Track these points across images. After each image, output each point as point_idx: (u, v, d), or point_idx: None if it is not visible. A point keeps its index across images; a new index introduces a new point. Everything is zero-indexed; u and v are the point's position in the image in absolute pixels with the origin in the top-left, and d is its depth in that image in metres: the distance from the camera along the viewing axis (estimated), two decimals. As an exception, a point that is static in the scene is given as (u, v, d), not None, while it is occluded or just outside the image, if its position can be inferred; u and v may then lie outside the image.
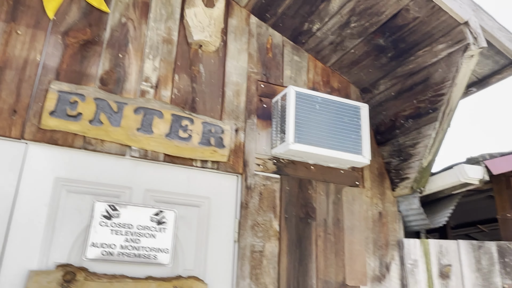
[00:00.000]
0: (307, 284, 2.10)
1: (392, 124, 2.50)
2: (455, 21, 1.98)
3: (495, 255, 2.44)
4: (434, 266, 2.37)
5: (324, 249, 2.22)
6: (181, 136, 2.05)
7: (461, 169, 2.35)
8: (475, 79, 2.57)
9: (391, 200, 2.53)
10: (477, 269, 2.40)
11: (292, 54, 2.62)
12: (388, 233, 2.43)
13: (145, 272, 1.78)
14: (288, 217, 2.20)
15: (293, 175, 2.30)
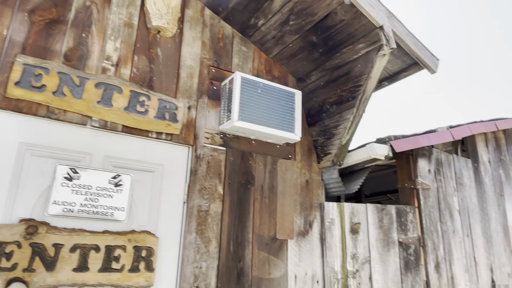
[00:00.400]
0: (244, 238, 2.27)
1: (320, 108, 2.69)
2: (373, 25, 2.17)
3: (394, 216, 2.76)
4: (346, 223, 2.63)
5: (260, 210, 2.38)
6: (138, 110, 2.09)
7: (371, 147, 2.62)
8: (387, 75, 2.82)
9: (316, 171, 2.73)
10: (380, 226, 2.70)
11: (240, 45, 2.71)
12: (312, 197, 2.64)
13: (102, 227, 1.83)
14: (231, 183, 2.33)
15: (237, 148, 2.43)
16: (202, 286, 2.04)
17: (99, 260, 1.76)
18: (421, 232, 2.78)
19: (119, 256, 1.81)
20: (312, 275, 2.46)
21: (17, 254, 1.57)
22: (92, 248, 1.75)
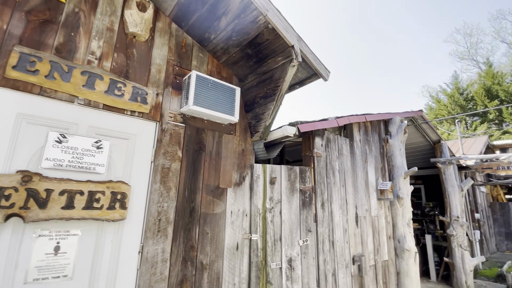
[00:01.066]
0: (196, 187, 2.31)
1: (253, 101, 2.75)
2: (287, 44, 2.24)
3: (298, 173, 2.97)
4: (268, 177, 2.78)
5: (208, 168, 2.42)
6: (116, 93, 1.99)
7: (285, 128, 2.76)
8: (298, 80, 2.94)
9: (249, 143, 2.82)
10: (289, 180, 2.89)
11: (198, 52, 2.65)
12: (246, 160, 2.73)
13: (86, 178, 1.76)
14: (188, 149, 2.33)
15: (193, 125, 2.42)
16: (164, 219, 2.06)
17: (83, 201, 1.70)
18: (314, 183, 3.03)
19: (99, 198, 1.76)
20: (243, 211, 2.58)
21: (14, 196, 1.46)
22: (78, 192, 1.67)
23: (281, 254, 2.66)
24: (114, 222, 1.83)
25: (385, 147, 4.53)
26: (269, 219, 2.68)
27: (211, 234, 2.32)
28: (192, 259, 2.18)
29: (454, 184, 6.33)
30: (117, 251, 1.83)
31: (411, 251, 4.03)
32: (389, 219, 4.19)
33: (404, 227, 4.15)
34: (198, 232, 2.25)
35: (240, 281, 2.43)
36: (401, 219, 4.19)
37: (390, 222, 4.20)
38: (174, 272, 2.05)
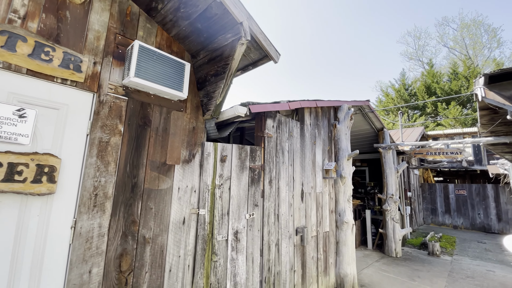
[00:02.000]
0: (139, 162, 2.18)
1: (205, 78, 2.63)
2: (236, 21, 2.14)
3: (248, 152, 2.97)
4: (218, 156, 2.73)
5: (154, 144, 2.29)
6: (43, 58, 1.73)
7: (236, 108, 2.70)
8: (251, 61, 2.86)
9: (201, 121, 2.72)
10: (239, 158, 2.88)
11: (146, 22, 2.41)
12: (197, 138, 2.64)
13: (5, 148, 1.54)
14: (131, 123, 2.17)
15: (137, 99, 2.24)
16: (101, 193, 1.92)
17: (2, 173, 1.49)
18: (263, 162, 3.07)
19: (22, 171, 1.56)
20: (191, 187, 2.53)
21: None
22: (-8, 163, 1.46)
23: (228, 227, 2.68)
24: (41, 196, 1.65)
25: (333, 131, 4.75)
26: (217, 195, 2.67)
27: (156, 209, 2.24)
28: (134, 234, 2.09)
29: (392, 166, 6.95)
30: (45, 226, 1.67)
31: (349, 223, 4.38)
32: (332, 195, 4.48)
33: (345, 202, 4.48)
34: (141, 207, 2.15)
35: (185, 253, 2.41)
36: (343, 195, 4.50)
37: (333, 198, 4.49)
38: (112, 246, 1.94)
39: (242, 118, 2.97)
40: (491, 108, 4.12)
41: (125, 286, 2.02)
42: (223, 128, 3.09)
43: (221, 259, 2.60)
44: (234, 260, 2.67)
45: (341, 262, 4.28)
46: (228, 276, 2.61)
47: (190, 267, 2.46)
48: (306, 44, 55.05)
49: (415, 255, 6.73)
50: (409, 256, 6.56)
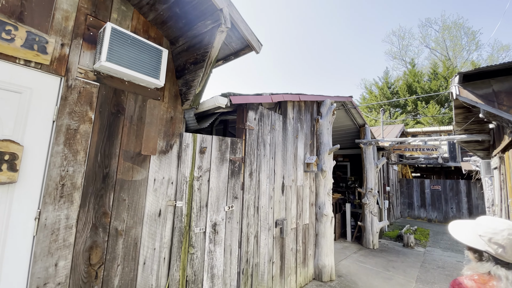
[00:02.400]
0: (112, 152, 2.09)
1: (184, 66, 2.55)
2: (216, 7, 2.08)
3: (229, 144, 2.93)
4: (197, 147, 2.68)
5: (128, 133, 2.21)
6: (3, 37, 1.60)
7: (216, 98, 2.65)
8: (232, 51, 2.80)
9: (180, 111, 2.65)
10: (219, 150, 2.84)
11: (120, 4, 2.29)
12: (175, 129, 2.57)
13: (-43, 132, 1.42)
14: (102, 110, 2.07)
15: (110, 85, 2.14)
16: (68, 184, 1.83)
17: (-48, 160, 1.37)
18: (244, 154, 3.05)
19: (-24, 157, 1.44)
20: (168, 178, 2.47)
21: None
22: None
23: (206, 219, 2.66)
24: (1, 186, 1.55)
25: (316, 126, 4.80)
26: (196, 187, 2.63)
27: (129, 201, 2.17)
28: (105, 226, 2.02)
29: (372, 161, 7.17)
30: (6, 216, 1.57)
31: (328, 216, 4.49)
32: (313, 188, 4.55)
33: (325, 195, 4.57)
34: (113, 199, 2.08)
35: (161, 245, 2.37)
36: (323, 189, 4.59)
37: (313, 191, 4.57)
38: (81, 239, 1.87)
39: (223, 109, 2.93)
40: (466, 107, 4.32)
41: (95, 280, 1.96)
42: (204, 119, 3.03)
43: (198, 251, 2.58)
44: (212, 252, 2.66)
45: (320, 254, 4.39)
46: (205, 268, 2.60)
47: (166, 260, 2.42)
48: (291, 41, 55.11)
49: (391, 246, 7.04)
50: (386, 248, 6.85)
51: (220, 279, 2.68)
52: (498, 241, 1.03)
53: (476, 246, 1.08)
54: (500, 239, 1.02)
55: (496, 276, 1.01)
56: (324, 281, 4.32)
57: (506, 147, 3.76)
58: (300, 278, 4.00)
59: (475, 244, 1.09)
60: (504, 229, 1.04)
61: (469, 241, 1.11)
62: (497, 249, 1.03)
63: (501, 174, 4.08)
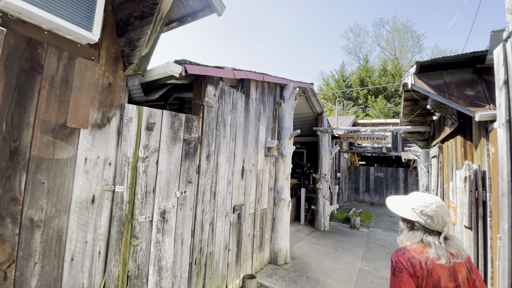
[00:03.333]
0: (23, 121, 1.59)
1: (127, 21, 2.08)
2: None
3: (183, 121, 2.58)
4: (143, 122, 2.28)
5: (47, 98, 1.71)
6: None
7: (167, 65, 2.25)
8: (190, 11, 2.42)
9: (121, 77, 2.19)
10: (171, 127, 2.47)
11: None
12: (114, 98, 2.13)
13: None
14: (10, 65, 1.54)
15: (22, 33, 1.59)
16: None
17: None
18: (201, 134, 2.73)
19: None
20: (105, 158, 2.04)
21: None
22: None
23: (154, 206, 2.32)
24: None
25: (278, 109, 4.67)
26: (141, 169, 2.25)
27: (50, 184, 1.71)
28: (15, 215, 1.56)
29: (327, 149, 7.45)
30: None
31: (286, 200, 4.48)
32: (272, 173, 4.47)
33: (284, 180, 4.53)
34: (26, 181, 1.60)
35: (95, 238, 1.97)
36: (282, 173, 4.54)
37: (273, 176, 4.49)
38: (-29, 234, 1.39)
39: (177, 81, 2.54)
40: (413, 99, 4.63)
41: (4, 281, 1.51)
42: (154, 91, 2.60)
43: (143, 242, 2.24)
44: (160, 243, 2.35)
45: (276, 238, 4.39)
46: (151, 261, 2.29)
47: (101, 254, 2.04)
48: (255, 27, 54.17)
49: (339, 228, 7.54)
50: (335, 230, 7.31)
51: (169, 272, 2.40)
52: (428, 212, 1.20)
53: (409, 217, 1.25)
54: (429, 211, 1.20)
55: (426, 242, 1.19)
56: (279, 264, 4.35)
57: (446, 138, 4.15)
58: (256, 263, 3.93)
59: (408, 216, 1.26)
60: (432, 202, 1.22)
61: (404, 213, 1.28)
62: (426, 220, 1.20)
63: (439, 162, 4.53)
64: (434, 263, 1.14)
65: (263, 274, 3.97)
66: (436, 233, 1.21)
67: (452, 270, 1.15)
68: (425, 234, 1.21)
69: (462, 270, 1.17)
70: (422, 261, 1.15)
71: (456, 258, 1.15)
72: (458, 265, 1.17)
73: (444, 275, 1.14)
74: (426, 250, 1.17)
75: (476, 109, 2.63)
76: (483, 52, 2.80)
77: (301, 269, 4.30)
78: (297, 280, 3.87)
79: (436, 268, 1.13)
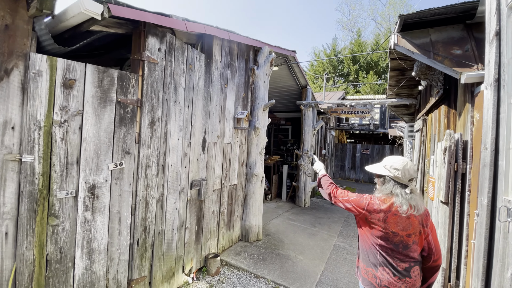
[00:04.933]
0: None
1: None
2: None
3: (116, 79, 2.12)
4: (59, 78, 1.83)
5: None
6: None
7: (82, 2, 1.75)
8: None
9: (25, 19, 1.70)
10: (99, 86, 2.02)
11: None
12: (15, 45, 1.65)
13: None
14: None
15: None
16: None
17: None
18: (141, 96, 2.29)
19: None
20: (4, 121, 1.61)
21: None
22: None
23: (79, 180, 1.93)
24: None
25: (251, 77, 4.20)
26: (58, 136, 1.83)
27: None
28: None
29: (310, 124, 7.10)
30: None
31: (258, 176, 4.18)
32: (244, 147, 4.11)
33: (257, 155, 4.20)
34: None
35: (-7, 218, 1.59)
36: (255, 148, 4.20)
37: (244, 151, 4.14)
38: None
39: (106, 28, 2.04)
40: (400, 69, 4.23)
41: None
42: (72, 40, 2.10)
43: (65, 222, 1.89)
44: (89, 223, 2.00)
45: (248, 215, 4.15)
46: (79, 243, 1.95)
47: (9, 236, 1.68)
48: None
49: (321, 204, 7.44)
50: (316, 206, 7.20)
51: (102, 254, 2.08)
52: (396, 167, 1.40)
53: (381, 172, 1.46)
54: (398, 166, 1.40)
55: (394, 193, 1.38)
56: (251, 241, 4.15)
57: (431, 109, 3.83)
58: (223, 241, 3.70)
59: (381, 171, 1.46)
60: (400, 159, 1.43)
61: (377, 170, 1.49)
62: (395, 172, 1.39)
63: (422, 135, 4.25)
64: (391, 212, 1.34)
65: (231, 252, 3.75)
66: (404, 186, 1.38)
67: (405, 221, 1.34)
68: (394, 187, 1.39)
69: (415, 223, 1.35)
70: (381, 207, 1.37)
71: (414, 210, 1.33)
72: (413, 218, 1.35)
73: (397, 223, 1.33)
74: (390, 200, 1.37)
75: (463, 69, 2.26)
76: (474, 2, 2.39)
77: (273, 246, 4.12)
78: (267, 258, 3.68)
79: (391, 217, 1.34)
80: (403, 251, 1.33)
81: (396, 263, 1.33)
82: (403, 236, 1.32)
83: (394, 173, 1.38)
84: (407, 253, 1.33)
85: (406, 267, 1.33)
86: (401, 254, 1.33)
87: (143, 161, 2.31)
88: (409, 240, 1.33)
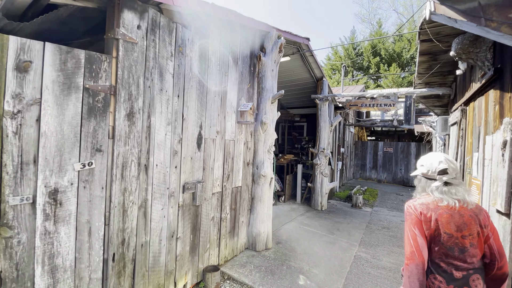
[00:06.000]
0: None
1: None
2: None
3: (83, 61, 1.78)
4: (11, 59, 1.51)
5: None
6: None
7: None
8: None
9: (-37, -14, 1.38)
10: (61, 69, 1.69)
11: None
12: (-51, 18, 1.33)
13: None
14: None
15: None
16: None
17: None
18: (115, 82, 1.94)
19: None
20: None
21: None
22: None
23: (37, 183, 1.61)
24: None
25: (258, 65, 3.77)
26: (10, 130, 1.51)
27: None
28: None
29: (326, 119, 6.54)
30: None
31: (267, 177, 3.74)
32: (250, 144, 3.69)
33: (264, 153, 3.76)
34: None
35: None
36: (263, 145, 3.76)
37: (250, 148, 3.72)
38: None
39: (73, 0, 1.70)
40: (432, 53, 3.63)
41: None
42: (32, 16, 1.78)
43: (22, 234, 1.57)
44: (51, 234, 1.67)
45: (255, 220, 3.73)
46: (38, 259, 1.63)
47: None
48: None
49: (339, 207, 6.86)
50: (334, 209, 6.63)
51: (69, 272, 1.75)
52: (421, 163, 1.39)
53: (413, 174, 1.44)
54: (422, 161, 1.39)
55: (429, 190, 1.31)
56: (258, 251, 3.73)
57: (472, 97, 3.20)
58: (225, 251, 3.30)
59: (415, 172, 1.42)
60: (427, 155, 1.40)
61: (414, 172, 1.43)
62: (421, 169, 1.38)
63: (460, 129, 3.61)
64: (440, 211, 1.21)
65: (234, 263, 3.35)
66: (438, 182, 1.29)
67: (459, 219, 1.20)
68: (426, 184, 1.33)
69: (471, 223, 1.20)
70: (429, 206, 1.24)
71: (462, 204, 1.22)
72: (467, 217, 1.21)
73: (450, 223, 1.20)
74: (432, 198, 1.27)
75: (531, 35, 1.69)
76: None
77: (284, 256, 3.67)
78: (276, 271, 3.24)
79: (442, 215, 1.21)
80: (459, 255, 1.18)
81: (451, 269, 1.18)
82: (458, 237, 1.19)
83: (421, 169, 1.37)
84: (464, 258, 1.18)
85: (464, 275, 1.17)
86: (456, 259, 1.18)
87: (118, 160, 1.95)
88: (465, 242, 1.19)
